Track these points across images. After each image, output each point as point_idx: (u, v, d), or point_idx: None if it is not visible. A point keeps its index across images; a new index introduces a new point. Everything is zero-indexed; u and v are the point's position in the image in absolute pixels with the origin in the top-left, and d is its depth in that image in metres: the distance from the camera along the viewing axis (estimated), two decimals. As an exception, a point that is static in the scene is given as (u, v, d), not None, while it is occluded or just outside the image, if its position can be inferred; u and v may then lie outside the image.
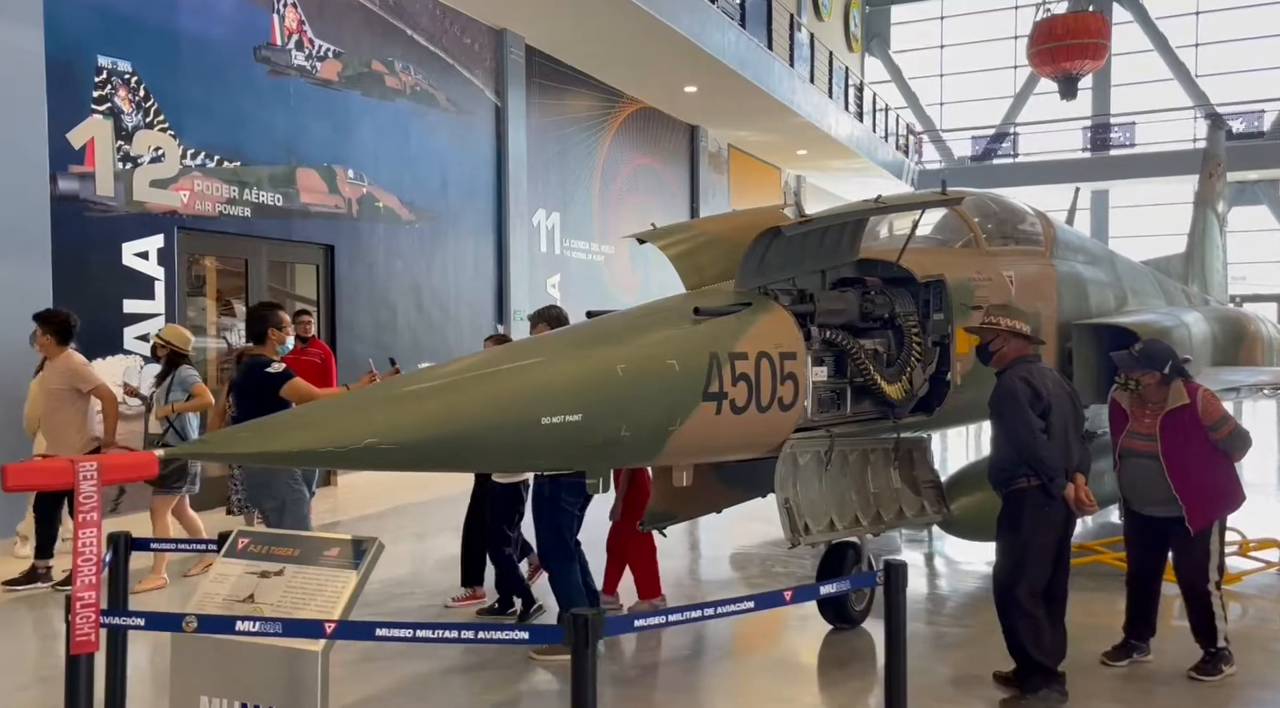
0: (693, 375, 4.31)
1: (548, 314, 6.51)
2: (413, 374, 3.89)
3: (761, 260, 4.99)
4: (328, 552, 3.46)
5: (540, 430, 3.77)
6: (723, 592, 7.09)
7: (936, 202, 5.70)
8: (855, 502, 5.34)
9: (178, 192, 9.81)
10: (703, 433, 4.40)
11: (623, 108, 18.22)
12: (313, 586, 3.38)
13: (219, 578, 3.50)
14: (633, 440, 4.11)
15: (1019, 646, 4.85)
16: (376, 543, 3.44)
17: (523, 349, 4.21)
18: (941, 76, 33.91)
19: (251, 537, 3.61)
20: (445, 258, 13.81)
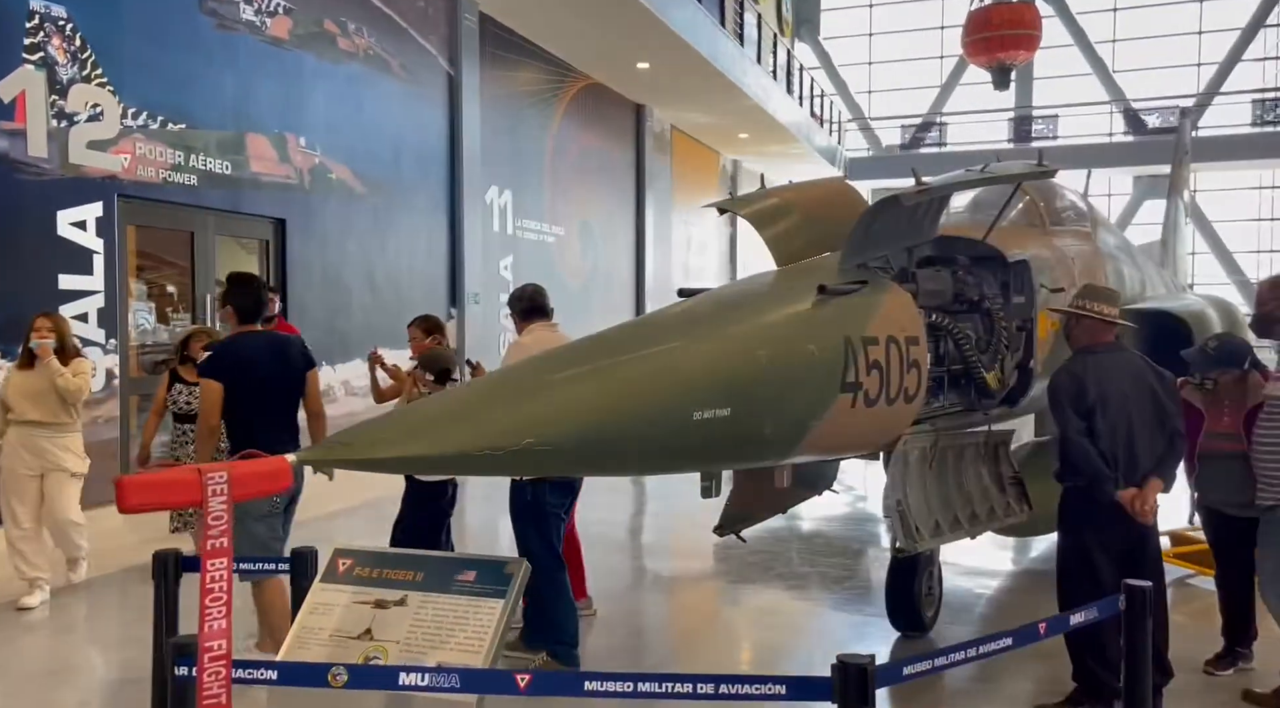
0: (831, 363, 3.75)
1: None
2: (537, 360, 3.22)
3: (866, 235, 4.46)
4: (461, 576, 2.79)
5: (692, 428, 3.16)
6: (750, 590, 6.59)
7: (1035, 174, 5.26)
8: (956, 502, 4.87)
9: (118, 155, 8.75)
10: (837, 428, 3.85)
11: (572, 84, 17.48)
12: (449, 618, 2.71)
13: (320, 609, 2.80)
14: (773, 437, 3.54)
15: (1079, 659, 4.49)
16: (523, 566, 2.78)
17: (649, 330, 3.55)
18: (870, 64, 34.04)
19: (354, 557, 2.90)
20: (399, 236, 12.91)
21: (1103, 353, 4.47)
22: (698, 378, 3.23)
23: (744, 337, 3.50)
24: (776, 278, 4.32)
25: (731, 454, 3.42)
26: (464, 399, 2.86)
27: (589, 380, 2.98)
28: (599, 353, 3.17)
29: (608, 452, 2.91)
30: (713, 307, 3.84)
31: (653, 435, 3.03)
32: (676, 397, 3.13)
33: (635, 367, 3.10)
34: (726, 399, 3.27)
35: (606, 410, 2.90)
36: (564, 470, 2.91)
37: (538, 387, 2.92)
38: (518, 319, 5.55)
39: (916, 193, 4.30)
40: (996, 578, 7.32)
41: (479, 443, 2.55)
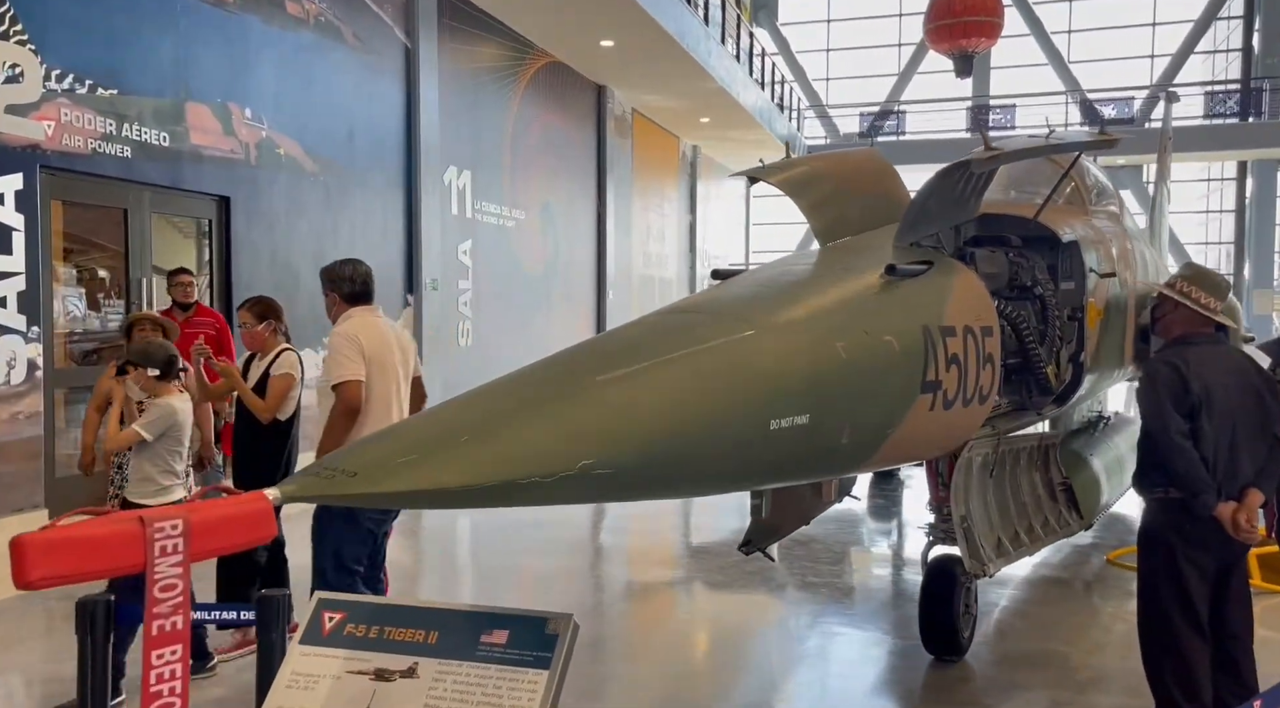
0: (911, 358, 3.15)
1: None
2: (568, 356, 2.54)
3: (924, 207, 3.86)
4: (488, 636, 2.12)
5: (769, 439, 2.52)
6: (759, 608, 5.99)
7: (1094, 144, 4.71)
8: (1014, 514, 4.30)
9: (41, 121, 7.82)
10: (914, 434, 3.25)
11: (533, 61, 16.68)
12: (475, 696, 2.03)
13: (300, 682, 2.10)
14: (850, 447, 2.92)
15: (1161, 687, 3.96)
16: (570, 623, 2.11)
17: (702, 317, 2.86)
18: (828, 51, 33.66)
19: (346, 610, 2.21)
20: (352, 217, 12.05)
21: (1202, 345, 3.93)
22: (776, 376, 2.60)
23: (817, 325, 2.87)
24: (826, 256, 3.70)
25: (806, 468, 2.81)
26: (485, 410, 2.15)
27: (646, 381, 2.32)
28: (648, 345, 2.51)
29: (677, 471, 2.27)
30: (767, 288, 3.19)
31: (726, 450, 2.40)
32: (754, 401, 2.50)
33: (701, 362, 2.45)
34: (806, 403, 2.64)
35: (674, 420, 2.26)
36: (625, 496, 2.26)
37: (581, 390, 2.25)
38: (341, 301, 4.68)
39: (988, 158, 3.70)
40: (1009, 585, 6.81)
41: (522, 468, 1.89)
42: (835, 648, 5.45)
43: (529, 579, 6.83)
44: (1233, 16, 30.44)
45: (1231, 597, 3.96)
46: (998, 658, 5.11)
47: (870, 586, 6.74)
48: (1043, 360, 4.26)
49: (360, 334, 4.30)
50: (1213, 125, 28.77)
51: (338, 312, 4.63)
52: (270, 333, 5.29)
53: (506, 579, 6.78)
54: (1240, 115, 28.69)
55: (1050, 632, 5.55)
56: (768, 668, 4.99)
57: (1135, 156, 29.93)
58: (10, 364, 7.64)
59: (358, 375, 4.24)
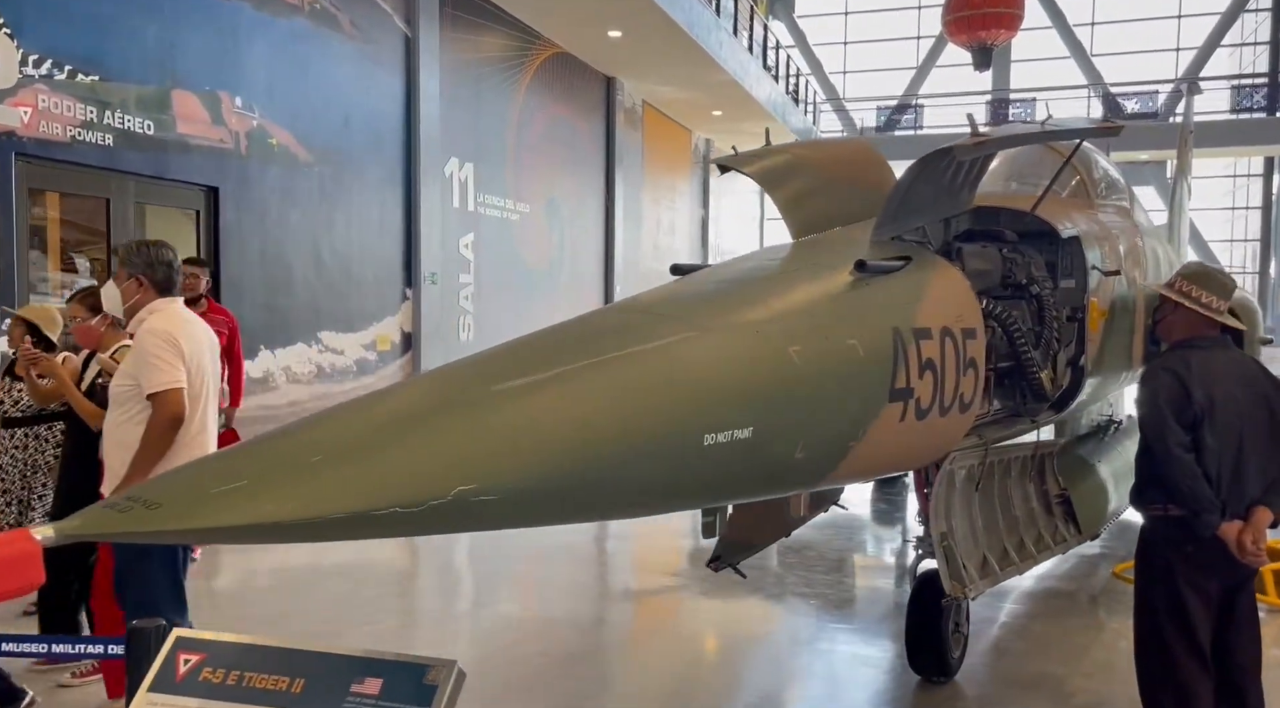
0: (877, 363, 2.85)
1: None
2: (471, 363, 2.25)
3: (905, 198, 3.55)
4: (358, 685, 1.85)
5: (702, 456, 2.23)
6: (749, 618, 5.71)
7: (1097, 131, 4.38)
8: (1003, 529, 3.99)
9: (16, 107, 7.63)
10: (882, 447, 2.95)
11: (539, 52, 16.40)
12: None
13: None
14: (805, 462, 2.62)
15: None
16: (453, 671, 1.84)
17: (637, 318, 2.56)
18: (845, 44, 33.19)
19: (204, 650, 1.94)
20: (349, 209, 11.83)
21: (1207, 349, 3.60)
22: (714, 385, 2.31)
23: (769, 328, 2.57)
24: (795, 252, 3.40)
25: (749, 486, 2.52)
26: (347, 427, 1.87)
27: (555, 391, 2.04)
28: (567, 351, 2.22)
29: (588, 493, 1.99)
30: (722, 286, 2.90)
31: (648, 470, 2.11)
32: (687, 412, 2.21)
33: (622, 370, 2.17)
34: (750, 414, 2.35)
35: (586, 435, 1.97)
36: (518, 523, 1.97)
37: (471, 403, 1.96)
38: (149, 289, 3.88)
39: (973, 145, 3.40)
40: (1008, 598, 6.47)
41: (381, 497, 1.61)
42: (820, 665, 5.16)
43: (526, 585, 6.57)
44: (1260, 9, 29.75)
45: (1238, 623, 3.63)
46: (991, 679, 4.81)
47: (864, 597, 6.43)
48: (1036, 364, 3.95)
49: (179, 333, 3.72)
50: (1239, 120, 28.13)
51: (141, 301, 3.87)
52: (107, 327, 4.52)
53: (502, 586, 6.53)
54: (1268, 110, 28.04)
55: (1049, 651, 5.24)
56: (745, 688, 4.71)
57: (1159, 152, 29.40)
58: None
59: (179, 382, 3.64)
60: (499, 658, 4.92)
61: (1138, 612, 3.72)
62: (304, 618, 5.49)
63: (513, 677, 4.65)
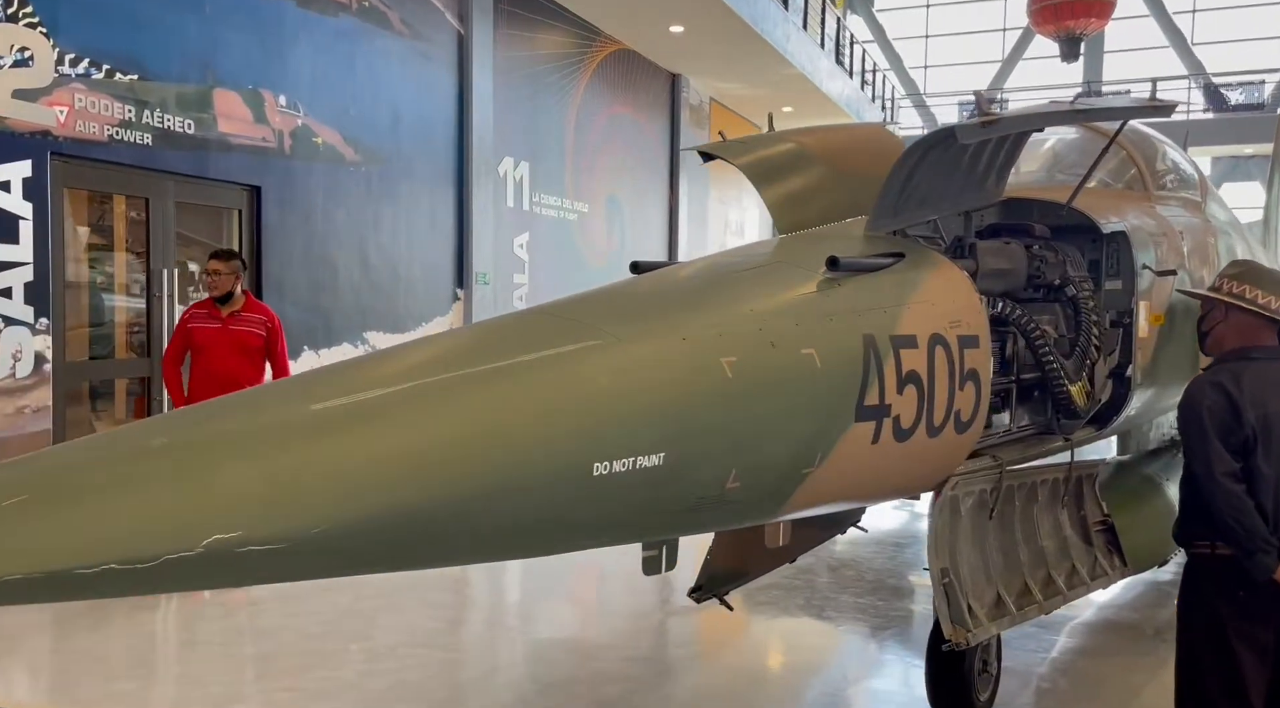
0: (840, 376, 2.45)
1: None
2: (296, 381, 1.92)
3: (904, 188, 3.13)
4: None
5: (588, 488, 1.87)
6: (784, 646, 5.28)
7: (1144, 109, 3.86)
8: (1025, 562, 3.52)
9: (52, 107, 7.64)
10: (850, 472, 2.54)
11: (599, 48, 16.14)
12: None
13: None
14: (743, 493, 2.24)
15: None
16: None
17: (535, 323, 2.22)
18: (927, 38, 32.22)
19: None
20: (396, 208, 11.72)
21: (1263, 360, 3.10)
22: (610, 404, 1.94)
23: (700, 335, 2.20)
24: (774, 248, 3.01)
25: (664, 522, 2.14)
26: (79, 460, 1.53)
27: (397, 412, 1.70)
28: (442, 360, 1.89)
29: (415, 538, 1.64)
30: (662, 287, 2.53)
31: (510, 507, 1.76)
32: (566, 439, 1.85)
33: (491, 387, 1.82)
34: (661, 437, 1.99)
35: (419, 470, 1.63)
36: (314, 574, 1.62)
37: (279, 427, 1.61)
38: None
39: (980, 125, 2.96)
40: (1061, 630, 5.91)
41: (96, 551, 1.30)
42: (840, 701, 4.73)
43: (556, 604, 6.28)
44: (1379, -8, 27.84)
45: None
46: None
47: (896, 622, 5.95)
48: (1063, 376, 3.47)
49: None
50: (1352, 111, 26.36)
51: None
52: None
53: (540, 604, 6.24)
54: (1386, 100, 26.22)
55: (1098, 693, 4.71)
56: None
57: (1265, 146, 27.71)
58: (16, 357, 7.48)
59: None
60: (488, 684, 4.62)
61: (1179, 668, 3.22)
62: (295, 633, 5.29)
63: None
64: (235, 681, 4.68)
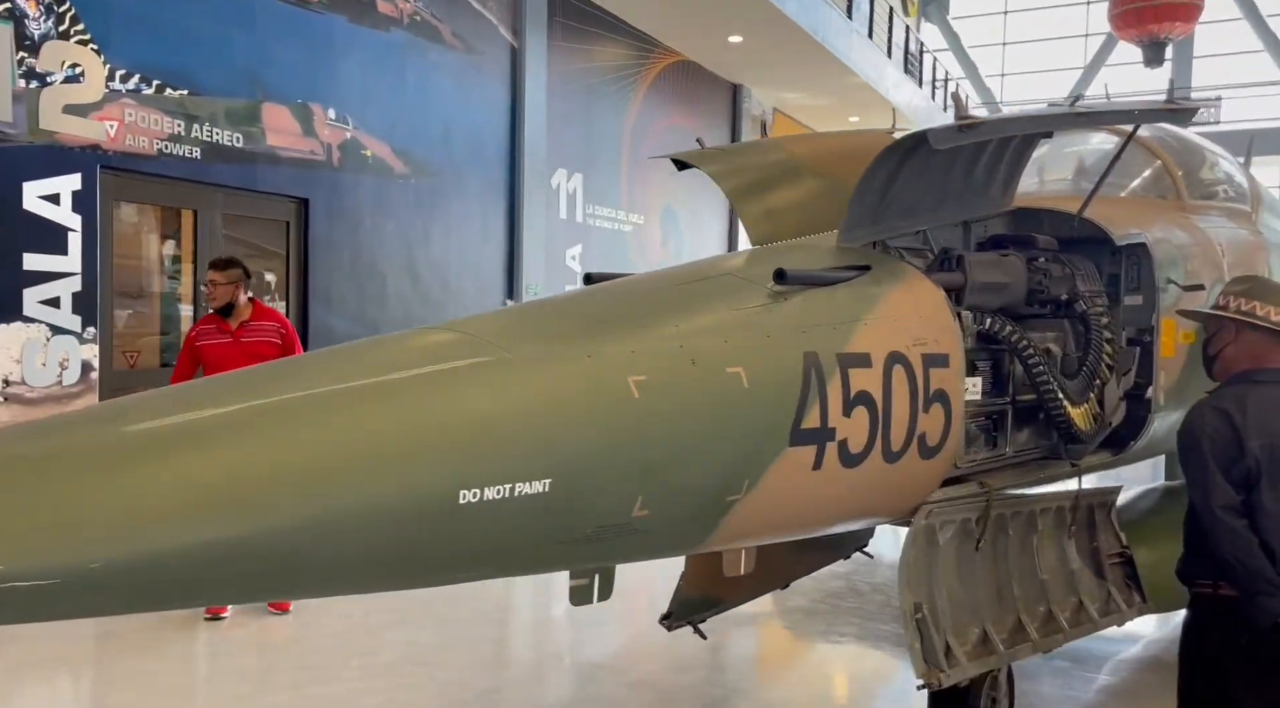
0: (775, 396, 2.29)
1: None
2: (126, 403, 1.84)
3: (884, 196, 2.95)
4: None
5: (455, 516, 1.76)
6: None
7: (1156, 113, 3.60)
8: (1018, 597, 3.29)
9: (102, 121, 7.87)
10: (788, 501, 2.38)
11: (658, 60, 16.09)
12: None
13: None
14: (658, 523, 2.10)
15: None
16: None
17: (437, 340, 2.10)
18: (1004, 45, 31.44)
19: None
20: (447, 220, 11.82)
21: (1270, 384, 2.85)
22: (488, 426, 1.82)
23: (607, 352, 2.07)
24: (729, 261, 2.86)
25: (559, 553, 2.00)
26: None
27: (227, 433, 1.60)
28: (308, 374, 1.80)
29: (238, 570, 1.54)
30: (586, 303, 2.40)
31: (357, 538, 1.65)
32: (430, 462, 1.74)
33: (349, 406, 1.72)
34: (544, 462, 1.86)
35: (243, 495, 1.53)
36: (80, 612, 1.51)
37: (77, 451, 1.52)
38: None
39: (956, 130, 2.76)
40: (1102, 667, 5.56)
41: None
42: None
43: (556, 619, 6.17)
44: None
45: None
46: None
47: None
48: (1059, 397, 3.23)
49: None
50: None
51: None
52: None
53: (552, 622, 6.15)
54: None
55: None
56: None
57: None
58: (63, 365, 7.70)
59: None
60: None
61: (1181, 699, 2.97)
62: (302, 645, 5.28)
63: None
64: (226, 694, 4.68)
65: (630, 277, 2.84)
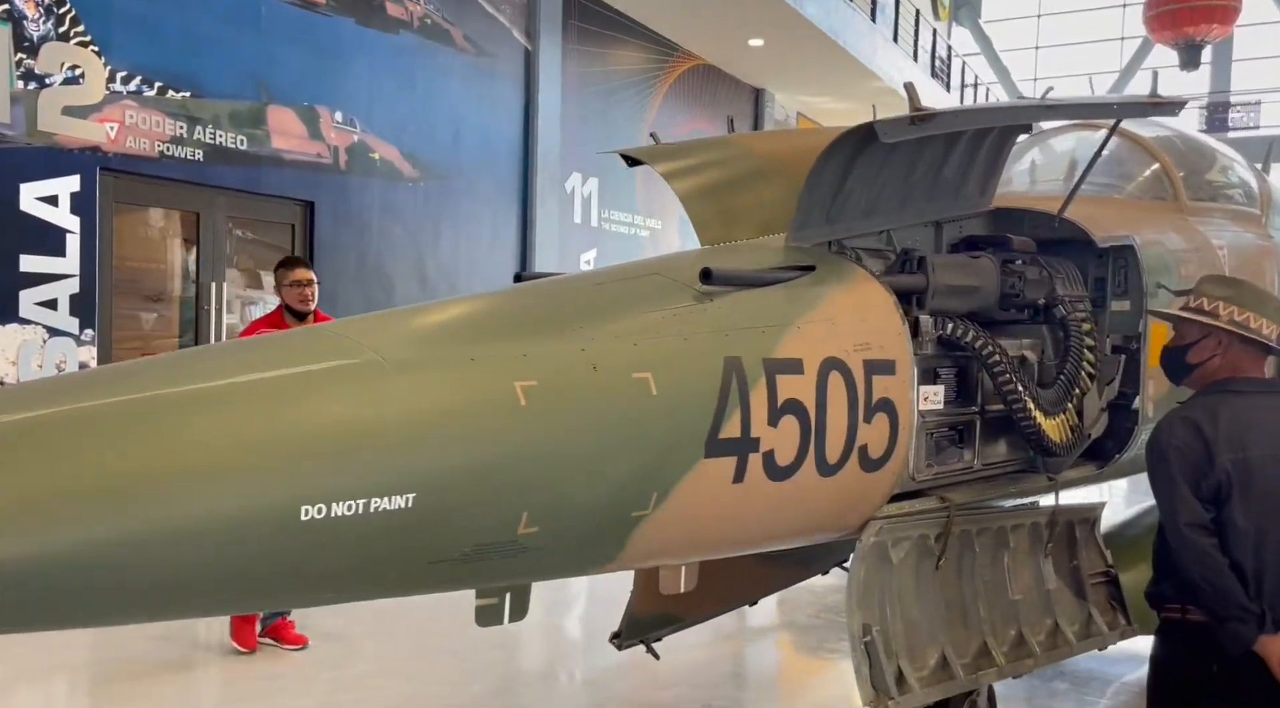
0: (686, 404, 2.13)
1: None
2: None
3: (837, 193, 2.78)
4: None
5: (296, 535, 1.62)
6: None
7: (1139, 107, 3.40)
8: (984, 619, 3.09)
9: (102, 123, 7.86)
10: (706, 517, 2.21)
11: (677, 63, 15.94)
12: None
13: None
14: (549, 540, 1.94)
15: None
16: None
17: (303, 342, 1.97)
18: (1037, 49, 30.97)
19: None
20: (457, 224, 11.74)
21: (1245, 395, 2.66)
22: (328, 437, 1.68)
23: (496, 356, 1.92)
24: (662, 261, 2.69)
25: (430, 574, 1.84)
26: None
27: (33, 441, 1.47)
28: (138, 378, 1.66)
29: (39, 597, 1.41)
30: (486, 305, 2.25)
31: (174, 558, 1.51)
32: (268, 476, 1.59)
33: (183, 412, 1.58)
34: (408, 477, 1.71)
35: (41, 511, 1.40)
36: None
37: None
38: None
39: (908, 122, 2.59)
40: (1100, 691, 5.30)
41: None
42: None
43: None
44: None
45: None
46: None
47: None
48: (1027, 407, 3.03)
49: None
50: None
51: None
52: None
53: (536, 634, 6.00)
54: None
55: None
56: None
57: None
58: (60, 367, 7.68)
59: None
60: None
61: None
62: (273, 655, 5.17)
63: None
64: (194, 706, 4.59)
65: (557, 276, 2.69)
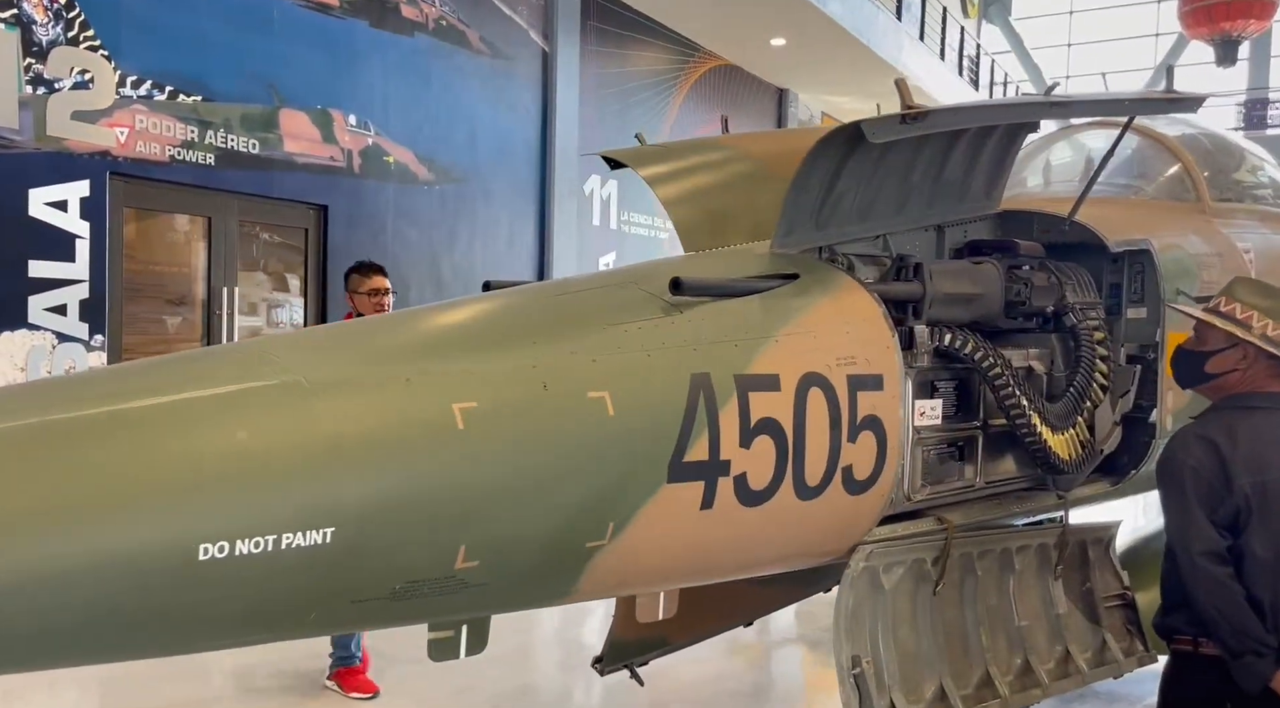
0: (648, 425, 1.98)
1: None
2: None
3: (826, 196, 2.62)
4: None
5: (194, 576, 1.48)
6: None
7: (1156, 102, 3.20)
8: (986, 647, 2.91)
9: (112, 128, 7.83)
10: (671, 546, 2.06)
11: (698, 64, 15.77)
12: None
13: None
14: (491, 575, 1.80)
15: None
16: None
17: (221, 362, 1.83)
18: (1069, 46, 30.48)
19: None
20: (473, 227, 11.65)
21: (1265, 411, 2.46)
22: (235, 467, 1.54)
23: (434, 374, 1.78)
24: (634, 270, 2.54)
25: (354, 614, 1.70)
26: None
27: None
28: (38, 400, 1.54)
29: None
30: (433, 319, 2.11)
31: (43, 604, 1.37)
32: (164, 511, 1.46)
33: (58, 443, 1.44)
34: (327, 509, 1.57)
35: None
36: None
37: None
38: None
39: (899, 121, 2.42)
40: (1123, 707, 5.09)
41: None
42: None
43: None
44: None
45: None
46: None
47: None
48: (1031, 422, 2.84)
49: None
50: None
51: None
52: None
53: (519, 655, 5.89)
54: None
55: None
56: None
57: None
58: (69, 373, 7.65)
59: None
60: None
61: None
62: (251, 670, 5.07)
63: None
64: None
65: (522, 285, 2.54)
